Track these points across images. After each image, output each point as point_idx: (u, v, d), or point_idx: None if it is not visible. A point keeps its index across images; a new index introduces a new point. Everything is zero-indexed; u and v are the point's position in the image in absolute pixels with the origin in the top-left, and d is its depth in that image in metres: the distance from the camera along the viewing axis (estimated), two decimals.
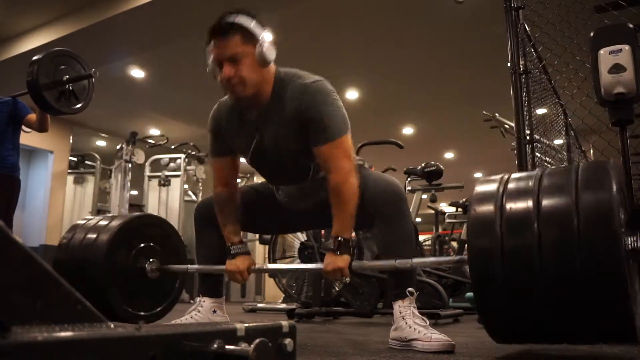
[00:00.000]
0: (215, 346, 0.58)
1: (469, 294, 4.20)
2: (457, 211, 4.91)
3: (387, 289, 2.81)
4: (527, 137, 2.28)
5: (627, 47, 2.03)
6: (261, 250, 8.83)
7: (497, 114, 4.15)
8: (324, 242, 3.24)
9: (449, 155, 9.98)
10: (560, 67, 2.64)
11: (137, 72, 6.52)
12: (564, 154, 3.70)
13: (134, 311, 2.09)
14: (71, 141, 7.90)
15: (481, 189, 1.31)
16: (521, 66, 2.31)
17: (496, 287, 1.18)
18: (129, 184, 6.26)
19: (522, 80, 2.30)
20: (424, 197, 4.43)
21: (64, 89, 2.96)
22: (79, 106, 3.07)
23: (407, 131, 8.62)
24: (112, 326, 0.54)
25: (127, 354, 0.49)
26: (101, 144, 9.05)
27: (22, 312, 0.48)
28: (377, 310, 2.95)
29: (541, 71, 2.79)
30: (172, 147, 6.97)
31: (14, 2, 5.34)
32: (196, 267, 2.00)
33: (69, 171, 7.64)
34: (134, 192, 7.70)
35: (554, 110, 3.33)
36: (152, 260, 2.16)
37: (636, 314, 1.08)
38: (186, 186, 7.42)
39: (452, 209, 5.06)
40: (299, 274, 4.11)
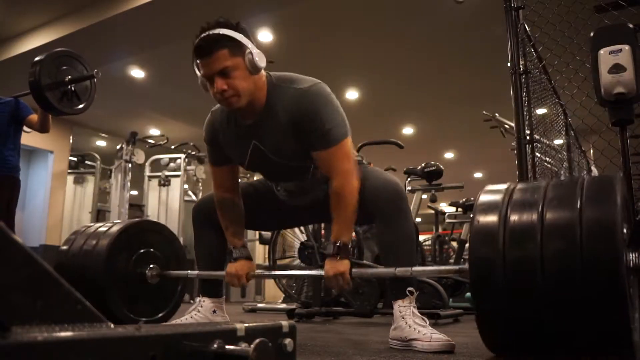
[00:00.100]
0: (215, 346, 0.58)
1: (468, 294, 4.21)
2: (457, 211, 4.90)
3: (387, 289, 2.81)
4: (527, 137, 2.28)
5: (627, 47, 2.04)
6: (261, 250, 8.83)
7: (497, 114, 4.15)
8: (324, 243, 3.24)
9: (449, 155, 9.98)
10: (560, 67, 2.64)
11: (137, 72, 6.52)
12: (564, 154, 3.69)
13: (135, 317, 2.10)
14: (71, 141, 7.90)
15: (485, 199, 1.30)
16: (521, 66, 2.31)
17: (496, 298, 1.17)
18: (129, 184, 6.26)
19: (522, 80, 2.30)
20: (424, 197, 4.42)
21: (66, 89, 2.96)
22: (81, 107, 3.07)
23: (407, 131, 8.62)
24: (112, 326, 0.54)
25: (127, 354, 0.49)
26: (101, 144, 9.05)
27: (22, 312, 0.48)
28: (377, 310, 2.95)
29: (541, 71, 2.79)
30: (172, 147, 6.97)
31: (14, 2, 5.34)
32: (196, 272, 2.00)
33: (69, 171, 7.63)
34: (134, 192, 7.70)
35: (554, 110, 3.33)
36: (152, 265, 2.16)
37: (635, 330, 1.08)
38: (186, 186, 7.42)
39: (452, 209, 5.05)
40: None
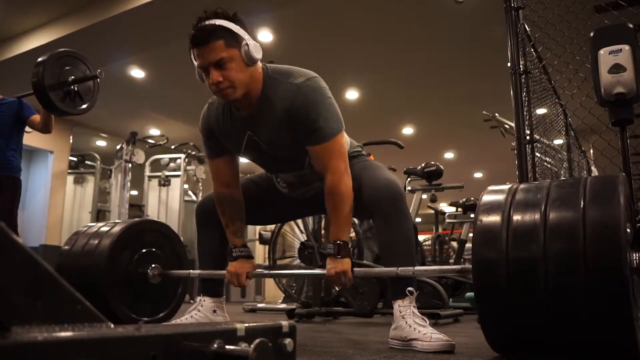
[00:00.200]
0: (215, 346, 0.58)
1: (469, 294, 4.21)
2: (457, 211, 4.90)
3: (387, 289, 2.81)
4: (527, 137, 2.28)
5: (627, 47, 2.04)
6: (261, 250, 8.83)
7: (497, 114, 4.14)
8: (324, 243, 3.24)
9: (449, 155, 9.98)
10: (560, 67, 2.63)
11: (137, 72, 6.52)
12: (564, 154, 3.69)
13: (136, 317, 2.10)
14: (71, 141, 7.90)
15: (488, 199, 1.30)
16: (521, 66, 2.30)
17: (499, 298, 1.18)
18: (129, 184, 6.26)
19: (522, 80, 2.30)
20: (424, 197, 4.43)
21: (69, 89, 2.96)
22: (84, 107, 3.07)
23: (407, 131, 8.63)
24: (112, 326, 0.54)
25: (127, 354, 0.49)
26: (101, 144, 9.05)
27: (22, 312, 0.48)
28: (377, 310, 2.94)
29: (541, 71, 2.78)
30: (172, 147, 6.97)
31: (14, 2, 5.34)
32: (198, 272, 2.00)
33: (69, 171, 7.64)
34: (134, 192, 7.70)
35: (554, 110, 3.32)
36: (154, 265, 2.16)
37: (638, 330, 1.08)
38: (186, 186, 7.42)
39: (452, 209, 5.05)
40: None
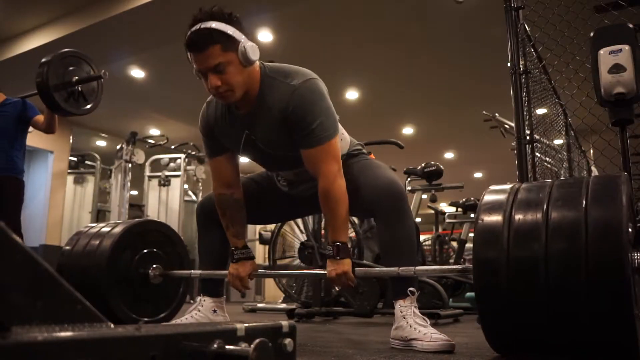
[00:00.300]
0: (215, 346, 0.58)
1: (469, 294, 4.21)
2: (457, 211, 4.91)
3: (387, 289, 2.81)
4: (527, 137, 2.28)
5: (627, 47, 2.04)
6: (261, 250, 8.83)
7: (497, 114, 4.14)
8: (324, 243, 3.24)
9: (449, 155, 9.98)
10: (560, 67, 2.63)
11: (137, 72, 6.52)
12: (564, 154, 3.69)
13: (137, 317, 2.10)
14: (71, 141, 7.91)
15: (490, 199, 1.30)
16: (521, 66, 2.30)
17: (500, 298, 1.17)
18: (129, 184, 6.26)
19: (522, 80, 2.30)
20: (424, 197, 4.43)
21: (73, 89, 2.96)
22: (88, 107, 3.07)
23: (407, 131, 8.63)
24: (112, 326, 0.54)
25: (127, 354, 0.49)
26: (101, 144, 9.05)
27: (22, 312, 0.48)
28: (377, 310, 2.94)
29: (541, 71, 2.78)
30: (172, 147, 6.98)
31: (14, 2, 5.34)
32: (199, 272, 2.00)
33: (69, 171, 7.64)
34: (134, 192, 7.70)
35: (554, 110, 3.32)
36: (155, 265, 2.17)
37: (639, 330, 1.08)
38: (186, 186, 7.43)
39: (452, 209, 5.05)
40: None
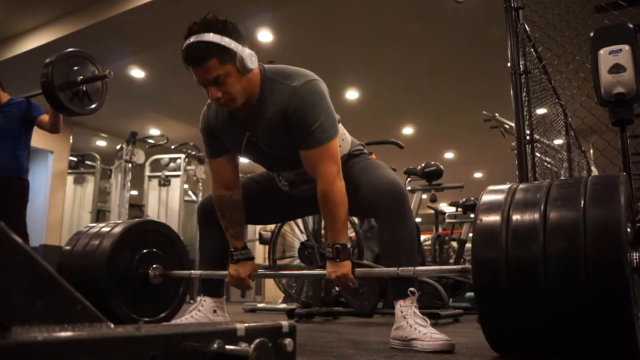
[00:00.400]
0: (215, 346, 0.58)
1: (469, 294, 4.21)
2: (457, 211, 4.91)
3: (387, 289, 2.81)
4: (527, 137, 2.28)
5: (627, 47, 2.04)
6: (261, 250, 8.83)
7: (497, 114, 4.14)
8: (324, 243, 3.24)
9: (449, 155, 9.99)
10: (560, 67, 2.63)
11: (137, 72, 6.52)
12: (564, 154, 3.69)
13: (137, 317, 2.10)
14: (71, 141, 7.91)
15: (488, 199, 1.30)
16: (521, 66, 2.30)
17: (499, 298, 1.17)
18: (129, 184, 6.26)
19: (522, 80, 2.30)
20: (424, 197, 4.43)
21: (78, 89, 2.96)
22: (92, 107, 3.06)
23: (407, 131, 8.63)
24: (112, 326, 0.54)
25: (127, 354, 0.49)
26: (101, 144, 9.05)
27: (22, 312, 0.48)
28: (377, 310, 2.94)
29: (541, 71, 2.78)
30: (172, 147, 6.97)
31: (14, 2, 5.34)
32: (199, 272, 2.00)
33: (69, 171, 7.64)
34: (134, 192, 7.70)
35: (554, 110, 3.32)
36: (155, 265, 2.16)
37: (638, 330, 1.08)
38: (186, 186, 7.42)
39: (452, 209, 5.05)
40: None
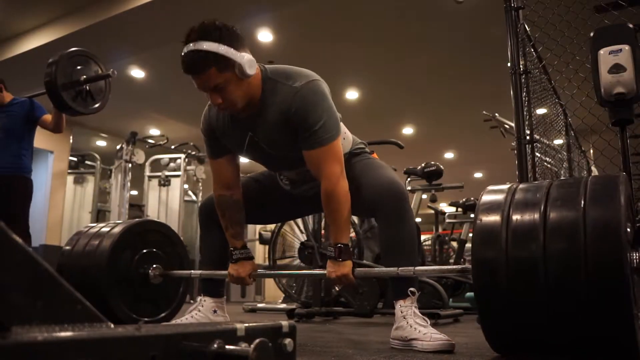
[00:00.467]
0: (215, 346, 0.58)
1: (469, 294, 4.21)
2: (457, 211, 4.91)
3: (387, 289, 2.81)
4: (527, 137, 2.28)
5: (627, 47, 2.04)
6: (261, 250, 8.83)
7: (497, 114, 4.14)
8: (324, 243, 3.24)
9: (449, 155, 9.99)
10: (560, 67, 2.63)
11: (137, 72, 6.52)
12: (564, 154, 3.69)
13: (137, 317, 2.10)
14: (71, 141, 7.91)
15: (488, 199, 1.30)
16: (521, 66, 2.30)
17: (499, 298, 1.17)
18: (129, 184, 6.26)
19: (522, 80, 2.30)
20: (424, 197, 4.43)
21: (81, 89, 2.95)
22: (96, 106, 3.06)
23: (407, 131, 8.63)
24: (112, 326, 0.54)
25: (127, 354, 0.49)
26: (101, 144, 9.05)
27: (22, 312, 0.48)
28: (377, 310, 2.94)
29: (541, 71, 2.78)
30: (172, 147, 6.97)
31: (14, 2, 5.34)
32: (199, 272, 2.01)
33: (69, 171, 7.64)
34: (134, 192, 7.69)
35: (554, 110, 3.32)
36: (155, 265, 2.16)
37: (638, 330, 1.08)
38: (186, 186, 7.42)
39: (452, 209, 5.05)
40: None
